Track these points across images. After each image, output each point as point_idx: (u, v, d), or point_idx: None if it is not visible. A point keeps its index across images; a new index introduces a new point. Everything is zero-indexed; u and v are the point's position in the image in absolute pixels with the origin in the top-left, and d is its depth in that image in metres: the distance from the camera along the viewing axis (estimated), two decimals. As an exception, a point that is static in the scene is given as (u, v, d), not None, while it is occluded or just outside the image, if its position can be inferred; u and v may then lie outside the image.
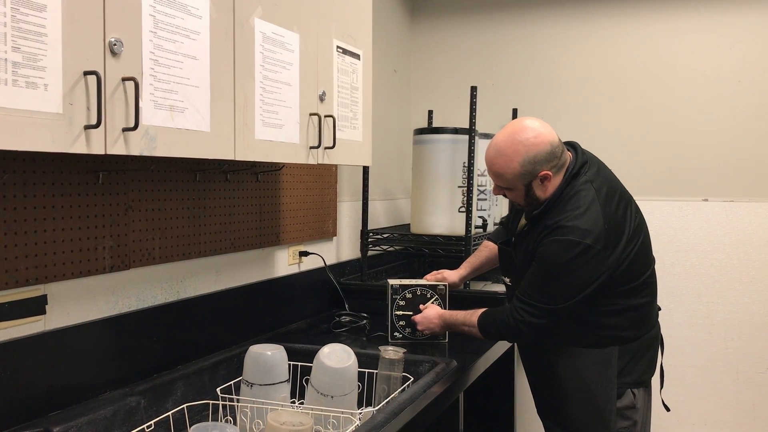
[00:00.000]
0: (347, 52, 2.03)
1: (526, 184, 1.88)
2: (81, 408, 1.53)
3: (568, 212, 1.85)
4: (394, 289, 2.25)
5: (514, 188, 1.91)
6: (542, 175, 1.86)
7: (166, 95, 1.30)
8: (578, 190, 1.88)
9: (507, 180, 1.89)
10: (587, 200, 1.86)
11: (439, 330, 2.18)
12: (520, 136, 1.85)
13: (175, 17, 1.33)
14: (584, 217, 1.83)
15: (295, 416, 1.43)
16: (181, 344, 1.89)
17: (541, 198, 1.90)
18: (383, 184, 3.30)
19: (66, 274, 1.55)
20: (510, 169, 1.86)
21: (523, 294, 1.90)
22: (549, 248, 1.84)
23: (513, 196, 1.95)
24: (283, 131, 1.71)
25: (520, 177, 1.87)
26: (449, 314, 2.15)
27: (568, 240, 1.82)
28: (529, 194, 1.90)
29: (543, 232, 1.87)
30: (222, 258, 2.09)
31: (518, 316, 1.90)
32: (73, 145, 1.12)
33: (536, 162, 1.85)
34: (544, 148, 1.85)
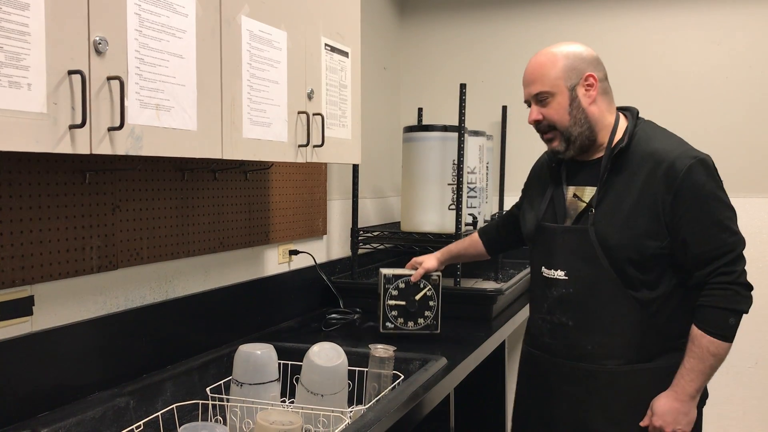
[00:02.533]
0: (335, 50, 2.03)
1: (570, 87, 1.68)
2: (69, 409, 1.53)
3: (667, 139, 1.70)
4: (387, 278, 2.23)
5: (557, 92, 1.68)
6: (588, 76, 1.68)
7: (152, 94, 1.30)
8: (657, 126, 1.76)
9: (551, 78, 1.68)
10: (672, 133, 1.74)
11: (693, 412, 1.67)
12: (558, 43, 1.74)
13: (161, 15, 1.32)
14: (686, 142, 1.70)
15: (285, 415, 1.43)
16: (170, 344, 1.88)
17: (588, 114, 1.69)
18: (373, 182, 3.30)
19: (53, 275, 1.54)
20: (553, 63, 1.69)
21: (717, 249, 1.60)
22: (694, 175, 1.60)
23: (555, 109, 1.69)
24: (271, 130, 1.71)
25: (565, 73, 1.68)
26: (680, 385, 1.64)
27: (701, 158, 1.63)
28: (574, 104, 1.68)
29: (651, 165, 1.63)
30: (211, 257, 2.08)
31: (742, 279, 1.62)
32: (57, 145, 1.11)
33: (582, 59, 1.69)
34: (591, 52, 1.72)
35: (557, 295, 1.75)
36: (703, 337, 1.61)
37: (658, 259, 1.65)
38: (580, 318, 1.72)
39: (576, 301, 1.72)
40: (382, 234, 2.89)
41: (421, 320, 2.23)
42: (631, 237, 1.63)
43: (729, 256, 1.61)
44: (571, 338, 1.74)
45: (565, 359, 1.76)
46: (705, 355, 1.61)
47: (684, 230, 1.61)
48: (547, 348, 1.80)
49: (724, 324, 1.62)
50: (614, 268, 1.66)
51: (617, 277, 1.66)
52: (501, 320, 2.55)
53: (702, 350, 1.62)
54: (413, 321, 2.22)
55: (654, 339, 1.68)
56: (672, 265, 1.66)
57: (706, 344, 1.61)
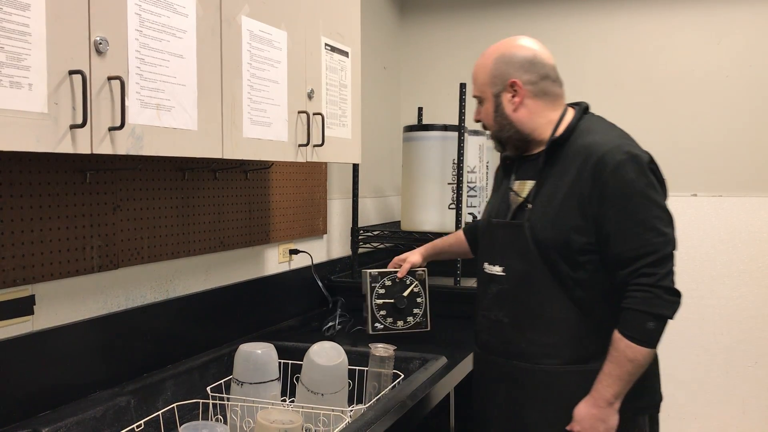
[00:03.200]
0: (335, 50, 2.03)
1: (495, 94, 1.70)
2: (70, 408, 1.53)
3: (606, 133, 1.65)
4: (372, 277, 2.18)
5: (485, 98, 1.72)
6: (512, 82, 1.67)
7: (152, 94, 1.30)
8: (602, 119, 1.72)
9: (479, 84, 1.73)
10: (618, 127, 1.68)
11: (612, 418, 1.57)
12: (505, 39, 1.73)
13: (161, 15, 1.32)
14: (628, 136, 1.65)
15: (285, 414, 1.43)
16: (170, 343, 1.89)
17: (512, 120, 1.69)
18: (373, 181, 3.30)
19: (54, 274, 1.54)
20: (484, 68, 1.72)
21: (639, 249, 1.52)
22: (621, 171, 1.55)
23: (484, 114, 1.75)
24: (272, 129, 1.71)
25: (491, 79, 1.69)
26: (597, 390, 1.57)
27: (633, 154, 1.56)
28: (498, 110, 1.70)
29: (582, 158, 1.59)
30: (211, 257, 2.08)
31: (664, 282, 1.52)
32: (58, 144, 1.11)
33: (509, 63, 1.68)
34: (524, 53, 1.68)
35: (495, 291, 1.71)
36: (621, 341, 1.53)
37: (588, 256, 1.58)
38: (515, 315, 1.67)
39: (511, 297, 1.68)
40: (382, 233, 2.90)
41: (410, 318, 2.20)
42: (560, 232, 1.59)
43: (651, 257, 1.52)
44: (506, 335, 1.69)
45: (502, 357, 1.71)
46: (622, 359, 1.53)
47: (607, 227, 1.55)
48: (485, 345, 1.77)
49: (642, 328, 1.51)
50: (546, 264, 1.61)
51: (550, 273, 1.61)
52: (501, 319, 2.55)
53: (619, 354, 1.53)
54: (402, 320, 2.19)
55: (591, 340, 1.60)
56: (596, 261, 1.60)
57: (624, 348, 1.52)
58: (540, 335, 1.64)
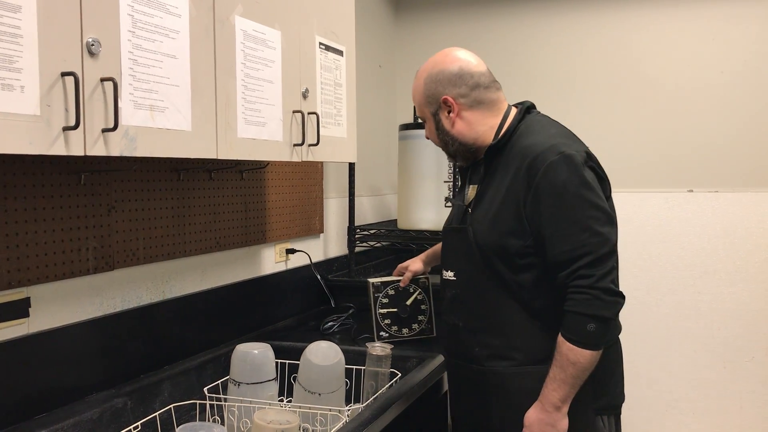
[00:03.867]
0: (330, 49, 2.03)
1: (433, 113, 1.71)
2: (66, 410, 1.53)
3: (543, 133, 1.62)
4: (375, 287, 2.19)
5: (425, 117, 1.75)
6: (444, 99, 1.67)
7: (145, 95, 1.30)
8: (543, 118, 1.71)
9: (418, 105, 1.75)
10: (559, 125, 1.68)
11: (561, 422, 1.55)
12: (433, 57, 1.75)
13: (154, 16, 1.32)
14: (566, 134, 1.64)
15: (282, 414, 1.43)
16: (167, 344, 1.88)
17: (453, 134, 1.69)
18: (370, 180, 3.30)
19: (49, 276, 1.54)
20: (417, 90, 1.73)
21: (575, 250, 1.51)
22: (553, 172, 1.53)
23: (429, 133, 1.77)
24: (266, 129, 1.71)
25: (426, 99, 1.71)
26: (544, 395, 1.56)
27: (566, 154, 1.54)
28: (439, 127, 1.71)
29: (519, 161, 1.58)
30: (207, 257, 2.08)
31: (602, 284, 1.49)
32: (51, 147, 1.11)
33: (438, 81, 1.68)
34: (450, 67, 1.68)
35: (450, 296, 1.74)
36: (563, 344, 1.51)
37: (528, 259, 1.58)
38: (468, 319, 1.69)
39: (463, 302, 1.70)
40: (378, 232, 2.89)
41: (415, 325, 2.20)
42: (498, 235, 1.59)
43: (588, 258, 1.50)
44: (461, 339, 1.71)
45: (459, 359, 1.74)
46: (565, 363, 1.51)
47: (542, 229, 1.54)
48: (447, 349, 1.82)
49: (582, 331, 1.49)
50: (489, 268, 1.62)
51: (493, 277, 1.61)
52: (498, 317, 2.55)
53: (563, 358, 1.51)
54: (407, 327, 2.20)
55: (542, 341, 1.59)
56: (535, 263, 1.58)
57: (566, 352, 1.51)
58: (491, 338, 1.65)
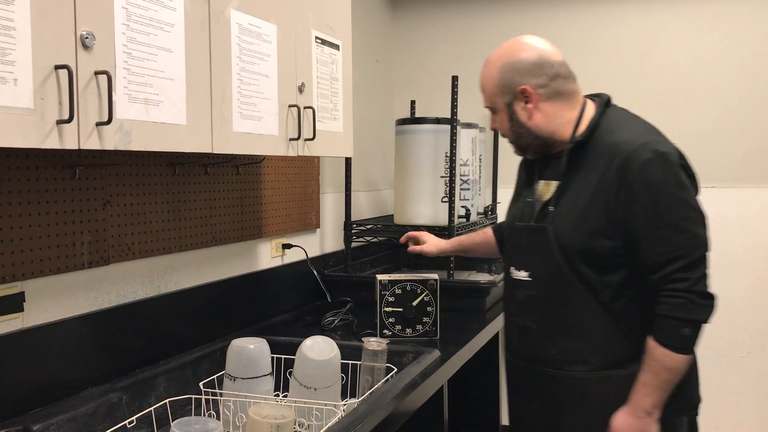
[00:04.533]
0: (326, 43, 2.02)
1: (507, 104, 1.64)
2: (61, 405, 1.52)
3: (631, 129, 1.57)
4: (383, 284, 2.18)
5: (497, 108, 1.66)
6: (522, 90, 1.60)
7: (140, 88, 1.29)
8: (625, 113, 1.66)
9: (488, 95, 1.67)
10: (643, 120, 1.63)
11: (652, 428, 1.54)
12: (507, 44, 1.67)
13: (149, 9, 1.31)
14: (655, 131, 1.58)
15: (277, 409, 1.43)
16: (163, 339, 1.88)
17: (529, 127, 1.63)
18: (366, 175, 3.29)
19: (44, 271, 1.53)
20: (490, 78, 1.65)
21: (670, 252, 1.47)
22: (648, 171, 1.48)
23: (499, 124, 1.69)
24: (262, 123, 1.70)
25: (500, 89, 1.63)
26: (635, 400, 1.53)
27: (660, 152, 1.49)
28: (513, 120, 1.64)
29: (607, 158, 1.52)
30: (203, 252, 2.07)
31: (698, 287, 1.47)
32: (45, 140, 1.10)
33: (515, 71, 1.60)
34: (529, 56, 1.61)
35: (522, 297, 1.67)
36: (656, 349, 1.49)
37: (616, 260, 1.54)
38: (544, 321, 1.63)
39: (539, 303, 1.64)
40: (375, 227, 2.89)
41: (420, 327, 2.18)
42: (584, 236, 1.54)
43: (683, 261, 1.47)
44: (535, 342, 1.66)
45: (533, 364, 1.68)
46: (659, 368, 1.49)
47: (636, 230, 1.50)
48: (516, 352, 1.74)
49: (677, 335, 1.48)
50: (572, 268, 1.56)
51: (575, 278, 1.56)
52: (494, 312, 2.56)
53: (656, 363, 1.50)
54: (411, 328, 2.18)
55: (622, 345, 1.57)
56: (625, 265, 1.55)
57: (660, 356, 1.49)
58: (569, 341, 1.60)
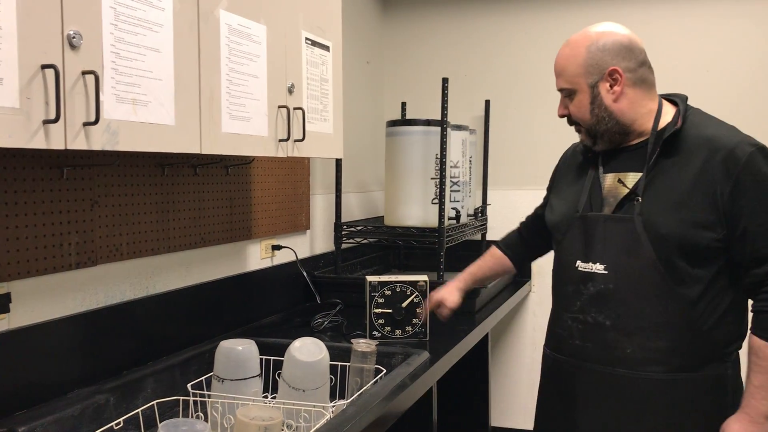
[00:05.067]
0: (316, 44, 2.02)
1: (591, 85, 1.59)
2: (47, 407, 1.51)
3: (721, 126, 1.61)
4: (372, 286, 2.17)
5: (578, 89, 1.60)
6: (612, 71, 1.57)
7: (128, 89, 1.28)
8: (704, 112, 1.66)
9: (570, 75, 1.61)
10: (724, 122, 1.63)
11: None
12: (593, 26, 1.63)
13: (137, 9, 1.31)
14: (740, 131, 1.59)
15: (265, 411, 1.42)
16: (151, 340, 1.87)
17: (612, 110, 1.60)
18: (357, 176, 3.29)
19: (30, 271, 1.52)
20: (574, 57, 1.60)
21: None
22: (755, 165, 1.50)
23: (576, 107, 1.63)
24: (251, 124, 1.70)
25: (585, 69, 1.58)
26: (752, 406, 1.49)
27: (761, 147, 1.53)
28: (596, 102, 1.59)
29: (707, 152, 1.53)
30: (192, 253, 2.07)
31: None
32: (31, 140, 1.10)
33: (606, 51, 1.57)
34: (620, 38, 1.59)
35: (594, 292, 1.60)
36: (767, 348, 1.47)
37: (712, 253, 1.52)
38: (621, 317, 1.57)
39: (616, 297, 1.57)
40: (365, 228, 2.89)
41: (409, 328, 2.18)
42: (685, 226, 1.51)
43: None
44: (608, 340, 1.58)
45: (599, 364, 1.60)
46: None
47: (744, 222, 1.49)
48: (576, 352, 1.65)
49: None
50: (662, 261, 1.52)
51: (665, 271, 1.52)
52: (484, 313, 2.56)
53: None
54: (401, 329, 2.17)
55: (700, 345, 1.54)
56: (726, 261, 1.54)
57: None
58: (647, 339, 1.54)
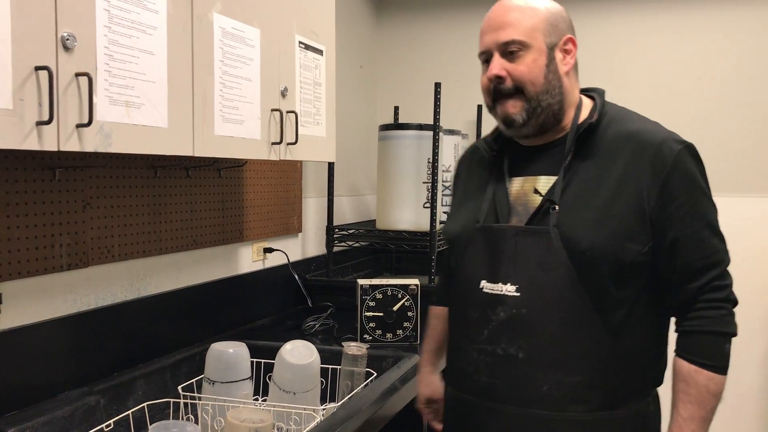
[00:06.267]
0: (309, 48, 2.03)
1: (549, 46, 1.35)
2: (38, 408, 1.51)
3: (645, 120, 1.42)
4: (363, 289, 2.19)
5: (534, 45, 1.34)
6: (567, 39, 1.39)
7: (121, 91, 1.29)
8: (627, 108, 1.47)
9: (526, 27, 1.34)
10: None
11: None
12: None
13: (131, 12, 1.31)
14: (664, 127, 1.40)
15: (256, 413, 1.43)
16: (141, 342, 1.87)
17: (563, 83, 1.38)
18: (349, 179, 3.30)
19: (22, 273, 1.52)
20: (534, 15, 1.36)
21: (711, 256, 1.31)
22: (684, 164, 1.31)
23: (527, 67, 1.34)
24: (244, 127, 1.70)
25: (546, 26, 1.36)
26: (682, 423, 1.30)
27: (688, 144, 1.34)
28: (551, 67, 1.35)
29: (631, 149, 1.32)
30: (184, 255, 2.07)
31: (733, 296, 1.32)
32: (24, 141, 1.10)
33: (561, 18, 1.39)
34: (568, 17, 1.43)
35: (504, 318, 1.33)
36: (699, 374, 1.27)
37: (637, 270, 1.30)
38: (535, 348, 1.31)
39: (530, 325, 1.31)
40: (357, 232, 2.90)
41: (400, 331, 2.20)
42: (609, 238, 1.28)
43: (721, 267, 1.31)
44: (520, 376, 1.32)
45: (511, 404, 1.34)
46: (705, 396, 1.27)
47: (674, 230, 1.29)
48: (483, 391, 1.37)
49: (721, 353, 1.28)
50: (583, 280, 1.29)
51: (585, 293, 1.29)
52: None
53: (700, 391, 1.27)
54: (392, 332, 2.19)
55: (621, 377, 1.32)
56: (648, 279, 1.33)
57: (705, 382, 1.27)
58: (566, 374, 1.30)
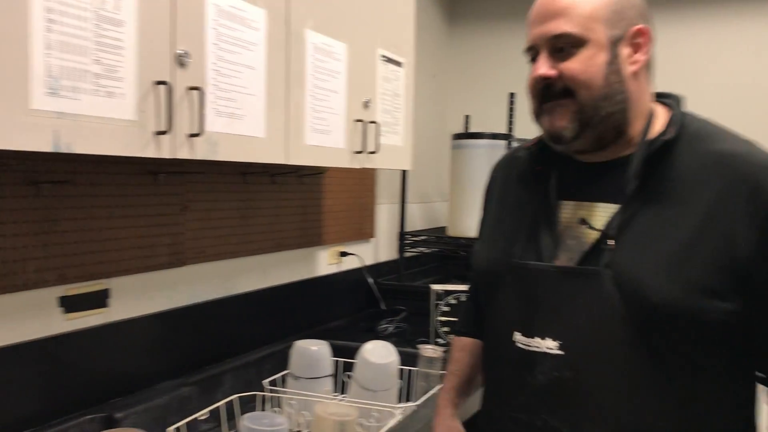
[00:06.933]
0: (391, 61, 2.11)
1: (612, 40, 1.05)
2: (138, 396, 1.63)
3: (741, 141, 1.07)
4: (438, 294, 2.24)
5: (591, 39, 1.04)
6: (638, 30, 1.07)
7: (227, 103, 1.39)
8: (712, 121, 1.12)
9: (583, 16, 1.04)
10: None
11: None
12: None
13: (236, 30, 1.42)
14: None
15: (341, 408, 1.51)
16: (230, 338, 1.98)
17: (628, 87, 1.06)
18: (420, 187, 3.36)
19: (128, 270, 1.64)
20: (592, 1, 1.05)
21: None
22: None
23: (582, 65, 1.05)
24: (331, 137, 1.79)
25: (609, 15, 1.05)
26: None
27: None
28: (612, 67, 1.05)
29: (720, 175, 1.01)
30: (269, 256, 2.17)
31: None
32: (144, 149, 1.21)
33: (634, 5, 1.08)
34: (642, 1, 1.11)
35: (544, 382, 1.07)
36: None
37: (723, 332, 1.01)
38: (582, 421, 1.05)
39: (577, 392, 1.05)
40: (428, 238, 2.96)
41: None
42: (685, 291, 0.99)
43: None
44: None
45: None
46: None
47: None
48: None
49: None
50: (649, 339, 1.01)
51: (651, 356, 1.01)
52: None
53: None
54: None
55: None
56: (741, 344, 1.04)
57: None
58: None
